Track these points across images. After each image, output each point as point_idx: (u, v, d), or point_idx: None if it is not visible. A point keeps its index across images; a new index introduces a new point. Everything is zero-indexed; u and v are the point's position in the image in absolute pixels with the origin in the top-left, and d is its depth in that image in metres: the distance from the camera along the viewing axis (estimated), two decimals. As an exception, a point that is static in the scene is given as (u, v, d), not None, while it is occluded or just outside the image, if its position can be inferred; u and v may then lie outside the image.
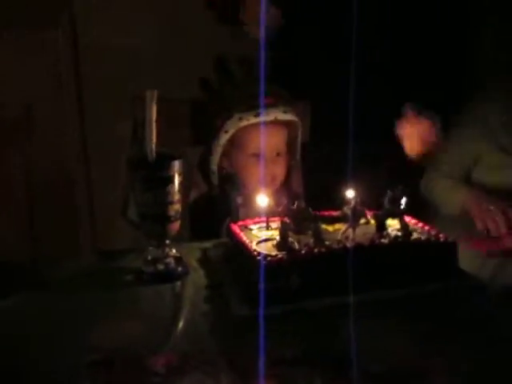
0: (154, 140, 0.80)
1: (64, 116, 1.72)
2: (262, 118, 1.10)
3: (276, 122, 1.14)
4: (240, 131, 1.14)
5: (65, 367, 0.60)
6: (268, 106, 1.12)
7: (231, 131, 1.13)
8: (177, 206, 0.83)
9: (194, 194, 1.38)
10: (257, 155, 1.14)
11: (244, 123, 1.12)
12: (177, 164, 0.81)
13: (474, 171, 1.44)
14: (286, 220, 0.78)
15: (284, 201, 1.18)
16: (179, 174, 0.83)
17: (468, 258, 0.87)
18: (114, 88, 1.76)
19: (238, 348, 0.65)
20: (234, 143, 1.17)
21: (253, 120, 1.11)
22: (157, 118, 0.81)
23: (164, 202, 0.81)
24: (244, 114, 1.12)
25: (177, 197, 0.83)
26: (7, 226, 1.19)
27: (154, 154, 0.80)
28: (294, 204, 0.80)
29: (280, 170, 1.17)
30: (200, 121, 1.28)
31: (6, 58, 1.68)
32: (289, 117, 1.14)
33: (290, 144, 1.22)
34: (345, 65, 1.29)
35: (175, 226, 0.85)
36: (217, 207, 1.19)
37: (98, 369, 0.58)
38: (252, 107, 1.12)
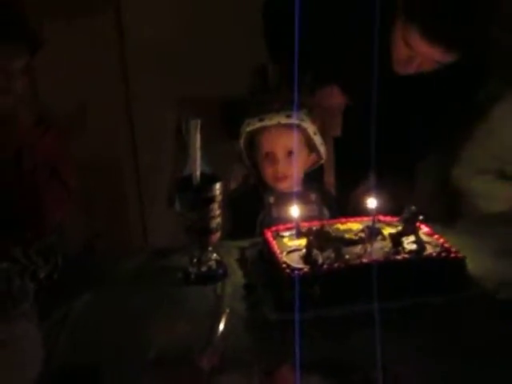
0: (199, 166, 0.92)
1: (112, 107, 1.86)
2: (265, 123, 1.23)
3: (285, 125, 1.23)
4: (254, 133, 1.26)
5: (130, 364, 0.76)
6: (272, 111, 1.23)
7: (243, 135, 1.27)
8: (218, 220, 0.97)
9: (233, 185, 1.52)
10: (268, 154, 1.26)
11: (250, 128, 1.25)
12: (218, 185, 0.94)
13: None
14: (312, 238, 0.90)
15: (312, 198, 1.30)
16: (220, 193, 0.96)
17: (478, 261, 0.98)
18: (159, 81, 1.88)
19: (268, 349, 0.80)
20: (253, 144, 1.29)
21: (258, 124, 1.24)
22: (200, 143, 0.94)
23: (207, 217, 0.95)
24: (251, 120, 1.25)
25: (218, 212, 0.96)
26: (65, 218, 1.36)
27: (199, 178, 0.93)
28: (317, 226, 0.92)
29: (293, 169, 1.25)
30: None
31: (57, 49, 1.82)
32: (291, 121, 1.23)
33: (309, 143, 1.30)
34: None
35: (216, 235, 0.99)
36: (251, 202, 1.32)
37: (158, 365, 0.74)
38: (260, 112, 1.24)
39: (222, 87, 1.48)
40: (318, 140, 1.27)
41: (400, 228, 0.95)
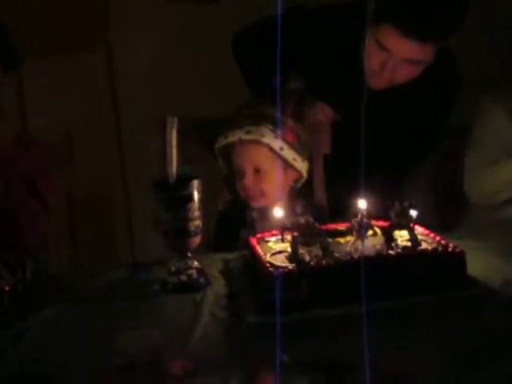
0: (175, 163, 0.87)
1: (102, 137, 1.85)
2: (228, 140, 1.20)
3: (248, 141, 1.19)
4: (229, 151, 1.23)
5: (93, 371, 0.67)
6: (236, 128, 1.20)
7: (217, 154, 1.25)
8: (197, 222, 0.90)
9: (220, 205, 1.47)
10: (239, 171, 1.22)
11: (217, 145, 1.23)
12: (195, 183, 0.89)
13: None
14: (296, 234, 0.83)
15: (298, 211, 1.24)
16: (198, 192, 0.90)
17: (480, 264, 0.90)
18: (147, 107, 1.88)
19: (248, 354, 0.71)
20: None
21: (223, 142, 1.22)
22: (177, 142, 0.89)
23: (184, 218, 0.89)
24: (219, 138, 1.23)
25: (196, 213, 0.90)
26: (50, 244, 1.33)
27: (175, 176, 0.87)
28: (301, 219, 0.85)
29: (267, 185, 1.20)
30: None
31: (47, 83, 1.83)
32: (249, 136, 1.18)
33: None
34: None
35: (196, 240, 0.92)
36: (237, 219, 1.26)
37: (123, 372, 0.65)
38: (227, 129, 1.21)
39: (206, 110, 1.46)
40: (288, 155, 1.20)
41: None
